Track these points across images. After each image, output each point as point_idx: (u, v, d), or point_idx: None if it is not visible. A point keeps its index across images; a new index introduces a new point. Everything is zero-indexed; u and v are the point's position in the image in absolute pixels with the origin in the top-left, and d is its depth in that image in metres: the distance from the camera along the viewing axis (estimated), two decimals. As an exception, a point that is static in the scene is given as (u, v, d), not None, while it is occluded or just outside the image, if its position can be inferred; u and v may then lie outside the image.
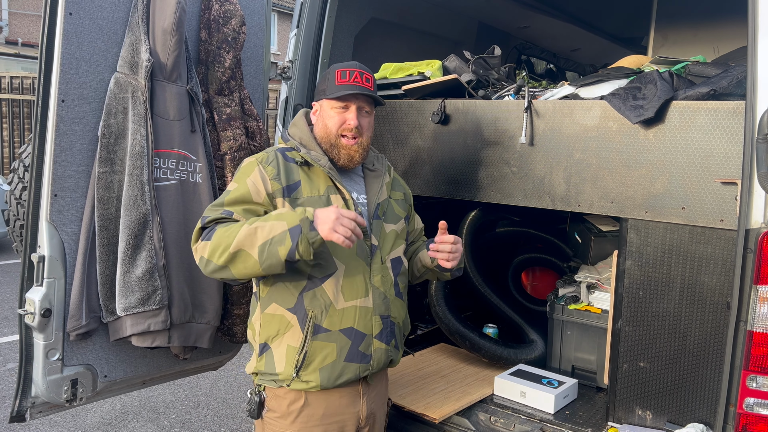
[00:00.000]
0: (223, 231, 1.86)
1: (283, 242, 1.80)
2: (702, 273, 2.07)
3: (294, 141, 2.09)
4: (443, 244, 2.05)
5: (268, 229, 1.82)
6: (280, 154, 2.04)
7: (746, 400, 1.83)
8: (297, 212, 1.85)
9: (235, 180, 2.01)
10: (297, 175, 2.02)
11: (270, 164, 1.99)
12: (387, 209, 2.16)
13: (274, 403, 2.03)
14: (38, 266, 2.30)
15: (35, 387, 2.38)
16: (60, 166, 2.30)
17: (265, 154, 2.04)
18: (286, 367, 1.96)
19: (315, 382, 1.96)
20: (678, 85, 2.18)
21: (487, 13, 4.18)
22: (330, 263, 1.98)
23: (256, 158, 2.02)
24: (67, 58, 2.28)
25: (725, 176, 2.01)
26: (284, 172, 1.99)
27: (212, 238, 1.87)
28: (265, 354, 2.01)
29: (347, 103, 2.05)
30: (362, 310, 2.01)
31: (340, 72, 2.05)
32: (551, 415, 2.37)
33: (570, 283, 2.91)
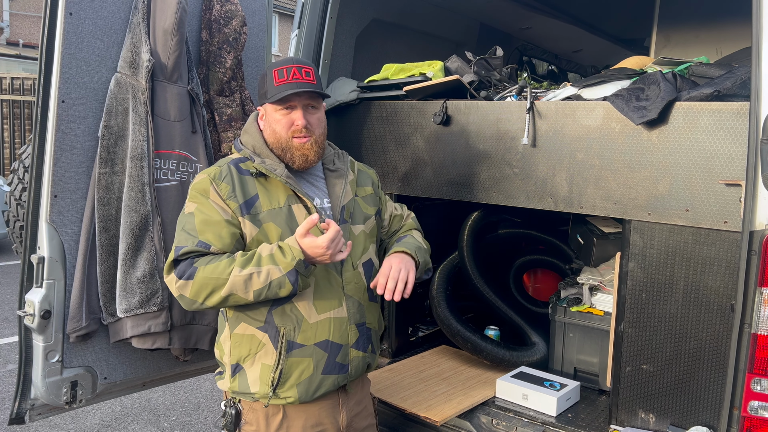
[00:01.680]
0: (209, 272, 1.78)
1: (283, 286, 1.80)
2: (706, 275, 2.06)
3: (247, 150, 1.99)
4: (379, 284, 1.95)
5: (264, 275, 1.78)
6: (234, 168, 1.93)
7: (750, 403, 1.82)
8: (287, 252, 1.79)
9: (192, 199, 1.90)
10: (253, 188, 1.92)
11: (224, 180, 1.89)
12: (354, 210, 2.08)
13: (251, 416, 1.97)
14: (38, 267, 2.29)
15: (35, 389, 2.37)
16: (60, 167, 2.30)
17: (217, 169, 1.93)
18: (262, 386, 1.91)
19: (293, 398, 1.92)
20: (681, 86, 2.17)
21: (488, 14, 4.17)
22: None
23: (208, 175, 1.91)
24: (67, 59, 2.27)
25: (729, 178, 2.00)
26: (239, 187, 1.90)
27: (195, 278, 1.79)
28: (238, 374, 1.95)
29: (291, 103, 1.93)
30: (337, 321, 1.96)
31: (277, 71, 1.92)
32: (553, 418, 2.36)
33: (572, 285, 2.89)
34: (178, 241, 1.87)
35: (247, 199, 1.90)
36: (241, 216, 1.88)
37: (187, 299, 1.83)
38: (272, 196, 1.94)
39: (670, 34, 4.05)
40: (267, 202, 1.92)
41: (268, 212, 1.91)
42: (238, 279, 1.78)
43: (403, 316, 3.06)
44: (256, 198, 1.92)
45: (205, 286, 1.79)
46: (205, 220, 1.86)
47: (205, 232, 1.85)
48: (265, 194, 1.93)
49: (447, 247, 3.12)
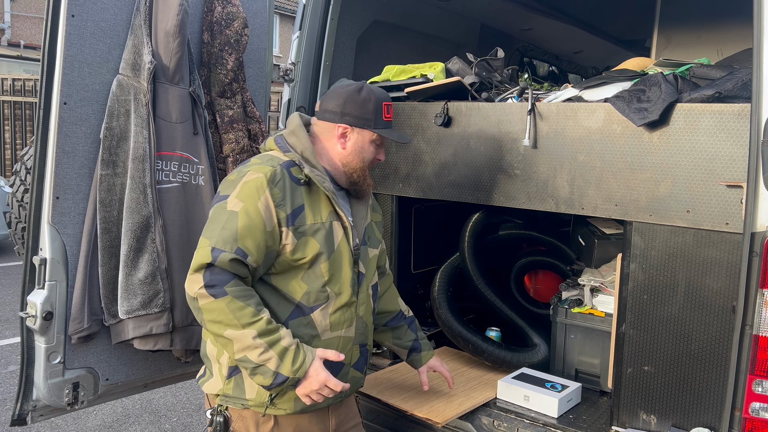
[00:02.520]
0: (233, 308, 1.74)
1: (265, 377, 1.78)
2: (707, 276, 2.06)
3: (295, 154, 1.94)
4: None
5: (264, 357, 1.76)
6: (286, 173, 1.88)
7: (752, 404, 1.82)
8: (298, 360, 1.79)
9: (241, 197, 1.82)
10: (300, 197, 1.89)
11: (277, 185, 1.84)
12: (370, 234, 2.13)
13: (240, 424, 1.94)
14: (40, 269, 2.30)
15: (37, 390, 2.37)
16: (62, 168, 2.30)
17: (271, 170, 1.85)
18: (259, 395, 1.89)
19: (288, 410, 1.91)
20: (682, 87, 2.17)
21: (489, 16, 4.17)
22: (323, 294, 1.93)
23: (264, 175, 1.84)
24: (69, 61, 2.28)
25: (730, 179, 2.00)
26: (289, 196, 1.86)
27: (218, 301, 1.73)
28: (235, 377, 1.91)
29: (384, 139, 2.03)
30: (344, 340, 1.99)
31: (386, 107, 2.00)
32: (555, 419, 2.35)
33: (573, 286, 2.89)
34: (216, 240, 1.77)
35: (294, 209, 1.87)
36: (285, 226, 1.85)
37: (195, 304, 1.79)
38: (316, 210, 1.92)
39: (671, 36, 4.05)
40: (311, 215, 1.90)
41: (311, 226, 1.89)
42: (246, 338, 1.75)
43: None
44: (302, 209, 1.88)
45: (218, 314, 1.75)
46: (249, 225, 1.79)
47: (246, 238, 1.78)
48: (309, 206, 1.90)
49: (448, 248, 3.12)
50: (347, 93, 1.98)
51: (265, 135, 2.93)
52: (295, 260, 1.88)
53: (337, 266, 1.95)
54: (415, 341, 2.38)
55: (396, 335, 2.37)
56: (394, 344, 2.39)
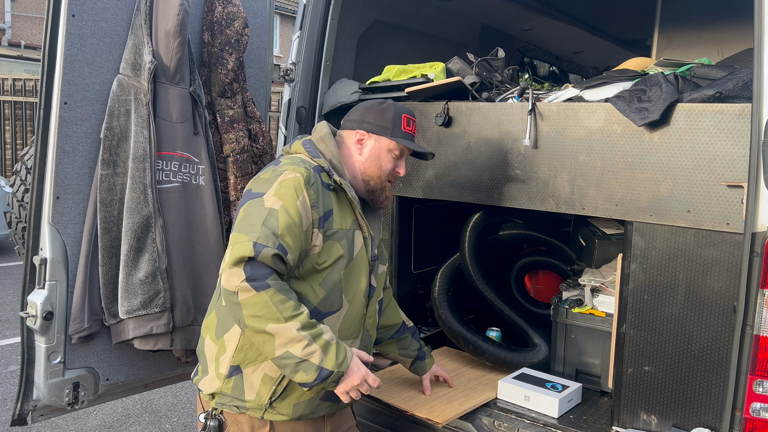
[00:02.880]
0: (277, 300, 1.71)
1: (308, 373, 1.74)
2: (708, 276, 2.06)
3: (324, 161, 1.95)
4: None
5: (308, 351, 1.72)
6: (318, 176, 1.90)
7: (753, 404, 1.82)
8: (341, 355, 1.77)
9: (279, 195, 1.81)
10: (330, 201, 1.91)
11: (312, 186, 1.86)
12: (381, 250, 2.16)
13: (234, 429, 1.92)
14: (40, 269, 2.30)
15: (37, 390, 2.37)
16: (62, 168, 2.30)
17: (306, 172, 1.86)
18: (259, 396, 1.87)
19: (286, 416, 1.90)
20: (683, 87, 2.16)
21: (490, 16, 4.17)
22: (338, 301, 1.93)
23: (301, 175, 1.85)
24: (69, 60, 2.28)
25: (731, 179, 2.00)
26: (321, 198, 1.88)
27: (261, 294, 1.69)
28: (234, 377, 1.89)
29: (404, 150, 2.04)
30: None
31: (407, 119, 2.03)
32: (555, 419, 2.35)
33: (574, 286, 2.89)
34: (258, 235, 1.73)
35: (326, 211, 1.89)
36: (317, 228, 1.86)
37: (234, 299, 1.72)
38: (343, 216, 1.95)
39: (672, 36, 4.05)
40: (339, 220, 1.92)
41: (338, 231, 1.91)
42: (290, 331, 1.71)
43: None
44: (331, 213, 1.90)
45: (261, 308, 1.70)
46: (289, 224, 1.78)
47: (287, 235, 1.77)
48: (338, 211, 1.93)
49: (448, 248, 3.12)
50: (370, 104, 2.06)
51: (266, 135, 2.93)
52: (319, 263, 1.89)
53: (354, 275, 1.98)
54: (419, 350, 2.44)
55: (401, 346, 2.42)
56: (399, 354, 2.43)
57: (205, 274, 2.59)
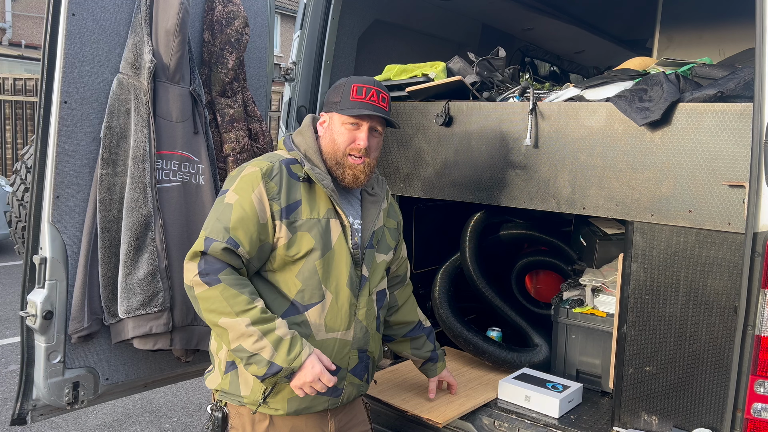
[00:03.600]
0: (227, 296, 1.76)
1: (259, 367, 1.78)
2: (709, 276, 2.06)
3: (299, 153, 1.98)
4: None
5: (258, 345, 1.77)
6: (285, 168, 1.92)
7: (754, 405, 1.81)
8: (294, 350, 1.79)
9: (237, 190, 1.87)
10: (298, 193, 1.92)
11: (273, 179, 1.88)
12: (381, 238, 2.12)
13: (237, 421, 1.96)
14: (40, 268, 2.29)
15: (37, 389, 2.37)
16: (62, 167, 2.30)
17: (269, 165, 1.90)
18: (253, 392, 1.90)
19: (282, 411, 1.91)
20: (684, 87, 2.16)
21: (490, 15, 4.17)
22: (317, 292, 1.92)
23: (260, 168, 1.88)
24: (69, 59, 2.27)
25: (732, 179, 1.99)
26: (285, 190, 1.89)
27: (212, 288, 1.76)
28: (230, 374, 1.93)
29: (360, 121, 1.96)
30: (341, 343, 1.97)
31: (357, 87, 1.95)
32: (556, 420, 2.35)
33: (575, 286, 2.89)
34: (210, 230, 1.83)
35: (290, 203, 1.89)
36: (279, 220, 1.87)
37: (191, 293, 1.82)
38: (314, 206, 1.94)
39: (673, 35, 4.04)
40: (308, 210, 1.92)
41: (306, 221, 1.91)
42: (240, 326, 1.76)
43: (405, 317, 3.05)
44: (298, 204, 1.91)
45: (213, 302, 1.77)
46: (242, 217, 1.83)
47: (238, 229, 1.82)
48: (307, 202, 1.93)
49: (449, 248, 3.11)
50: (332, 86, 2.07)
51: (266, 134, 2.93)
52: (290, 255, 1.89)
53: (333, 265, 1.95)
54: (433, 352, 2.41)
55: (415, 345, 2.39)
56: (412, 354, 2.40)
57: (205, 274, 2.59)
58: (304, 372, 1.81)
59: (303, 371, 1.81)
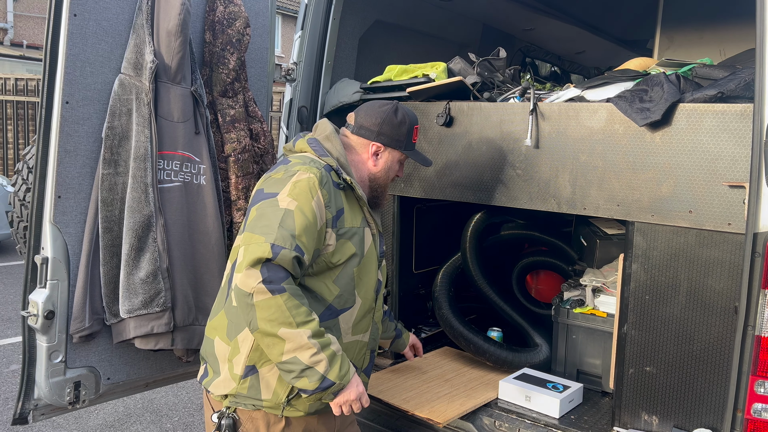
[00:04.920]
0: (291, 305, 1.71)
1: (311, 381, 1.76)
2: (709, 277, 2.06)
3: (332, 160, 1.97)
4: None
5: (315, 359, 1.74)
6: (329, 175, 1.91)
7: (754, 405, 1.81)
8: (344, 368, 1.80)
9: (294, 196, 1.81)
10: (341, 200, 1.94)
11: (325, 186, 1.87)
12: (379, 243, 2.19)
13: (249, 426, 1.92)
14: (42, 268, 2.30)
15: (38, 389, 2.38)
16: (64, 167, 2.30)
17: (319, 172, 1.87)
18: (276, 395, 1.88)
19: (303, 411, 1.92)
20: (685, 87, 2.16)
21: (491, 16, 4.17)
22: (351, 297, 1.97)
23: (315, 176, 1.85)
24: (71, 60, 2.28)
25: (733, 179, 1.99)
26: (333, 198, 1.90)
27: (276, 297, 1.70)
28: (250, 377, 1.88)
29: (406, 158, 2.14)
30: (360, 345, 2.03)
31: (416, 130, 2.14)
32: (556, 420, 2.35)
33: (575, 286, 2.89)
34: (275, 237, 1.73)
35: (338, 210, 1.92)
36: (330, 227, 1.89)
37: (248, 300, 1.71)
38: (354, 214, 1.98)
39: (674, 36, 4.04)
40: (350, 218, 1.96)
41: (349, 230, 1.94)
42: (301, 338, 1.72)
43: (406, 317, 3.06)
44: (342, 212, 1.93)
45: (275, 311, 1.70)
46: (306, 225, 1.79)
47: (303, 236, 1.77)
48: (348, 209, 1.96)
49: (450, 248, 3.12)
50: (385, 114, 2.07)
51: (267, 135, 2.93)
52: (333, 262, 1.91)
53: (366, 271, 2.01)
54: (396, 329, 2.54)
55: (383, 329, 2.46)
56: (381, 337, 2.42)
57: (206, 274, 2.59)
58: (349, 391, 1.83)
59: (348, 389, 1.83)
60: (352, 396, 1.83)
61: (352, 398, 1.83)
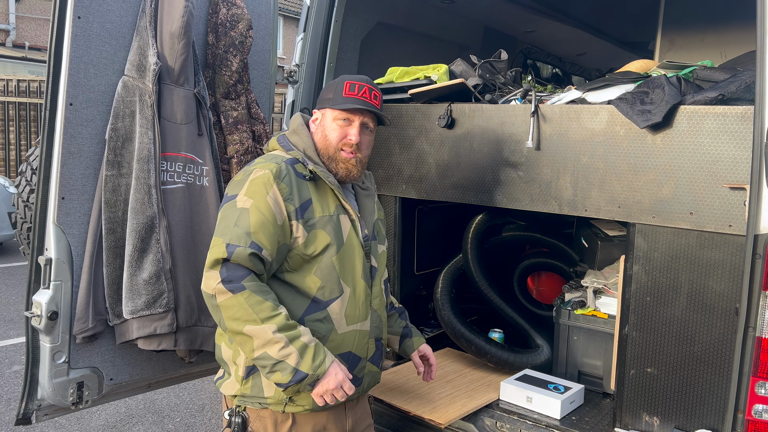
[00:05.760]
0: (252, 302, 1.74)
1: (284, 374, 1.77)
2: (710, 278, 2.06)
3: (298, 152, 1.99)
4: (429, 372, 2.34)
5: (284, 352, 1.76)
6: (291, 168, 1.92)
7: (755, 406, 1.82)
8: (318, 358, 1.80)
9: (250, 194, 1.85)
10: (307, 191, 1.92)
11: (283, 180, 1.88)
12: (378, 230, 2.16)
13: (258, 424, 1.94)
14: (45, 269, 2.31)
15: (41, 389, 2.38)
16: (67, 169, 2.31)
17: (276, 167, 1.89)
18: (277, 392, 1.88)
19: (308, 406, 1.91)
20: (686, 89, 2.17)
21: (493, 18, 4.18)
22: (337, 287, 1.94)
23: (270, 171, 1.87)
24: (75, 62, 2.29)
25: (733, 181, 2.00)
26: (296, 190, 1.89)
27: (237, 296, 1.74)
28: (252, 377, 1.91)
29: (352, 116, 1.99)
30: (361, 334, 1.99)
31: (350, 84, 1.99)
32: (557, 421, 2.36)
33: (576, 288, 2.89)
34: (230, 237, 1.79)
35: (303, 202, 1.90)
36: (295, 220, 1.88)
37: (213, 302, 1.78)
38: (324, 203, 1.95)
39: (675, 38, 4.05)
40: (320, 207, 1.93)
41: (320, 218, 1.92)
42: (266, 333, 1.75)
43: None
44: (310, 203, 1.92)
45: (237, 310, 1.75)
46: (261, 221, 1.81)
47: (259, 232, 1.80)
48: (317, 199, 1.94)
49: (451, 249, 3.12)
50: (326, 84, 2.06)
51: (269, 136, 2.94)
52: (307, 254, 1.91)
53: (347, 259, 1.98)
54: (405, 327, 2.40)
55: (388, 323, 2.36)
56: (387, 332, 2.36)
57: (209, 275, 2.60)
58: (327, 380, 1.81)
59: (326, 379, 1.81)
60: (331, 385, 1.81)
61: (332, 387, 1.81)
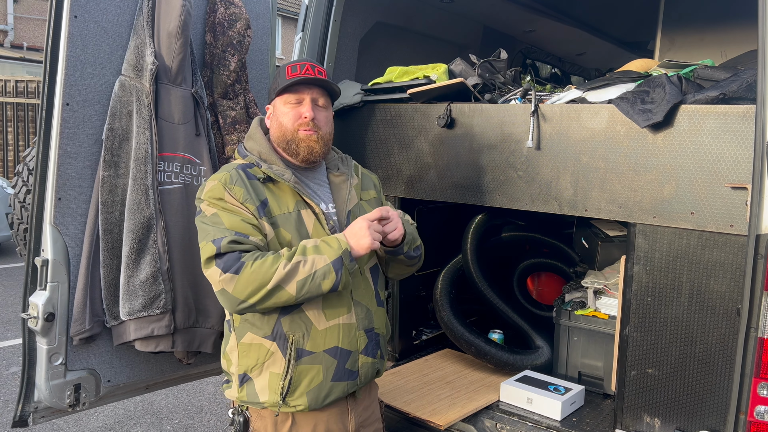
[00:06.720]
0: (257, 266, 1.76)
1: (327, 276, 1.78)
2: (711, 279, 2.05)
3: (252, 156, 1.98)
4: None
5: (309, 265, 1.77)
6: (242, 172, 1.92)
7: (757, 408, 1.81)
8: (332, 242, 1.82)
9: (211, 204, 1.87)
10: (263, 192, 1.92)
11: (236, 184, 1.88)
12: (358, 214, 2.06)
13: (259, 423, 1.95)
14: (42, 270, 2.29)
15: (38, 392, 2.37)
16: (64, 169, 2.30)
17: (226, 174, 1.91)
18: (271, 395, 1.89)
19: (303, 405, 1.90)
20: (687, 89, 2.16)
21: (492, 17, 4.17)
22: None
23: (219, 181, 1.89)
24: (71, 61, 2.28)
25: (735, 181, 1.99)
26: (252, 191, 1.89)
27: (242, 273, 1.76)
28: (245, 384, 1.93)
29: (300, 95, 1.96)
30: (346, 328, 1.96)
31: (291, 66, 1.97)
32: (558, 422, 2.35)
33: (577, 288, 2.88)
34: (212, 235, 1.81)
35: (260, 201, 1.90)
36: (260, 218, 1.88)
37: (229, 295, 1.78)
38: (281, 202, 1.94)
39: (675, 37, 4.04)
40: (277, 207, 1.92)
41: (278, 217, 1.91)
42: (284, 269, 1.76)
43: (407, 319, 3.05)
44: (266, 202, 1.91)
45: (252, 281, 1.75)
46: (231, 217, 1.84)
47: (236, 226, 1.83)
48: (274, 199, 1.93)
49: (451, 250, 3.11)
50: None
51: (268, 136, 2.93)
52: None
53: None
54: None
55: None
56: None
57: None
58: (355, 238, 1.83)
59: (353, 238, 1.83)
60: (362, 234, 1.82)
61: (364, 234, 1.82)
